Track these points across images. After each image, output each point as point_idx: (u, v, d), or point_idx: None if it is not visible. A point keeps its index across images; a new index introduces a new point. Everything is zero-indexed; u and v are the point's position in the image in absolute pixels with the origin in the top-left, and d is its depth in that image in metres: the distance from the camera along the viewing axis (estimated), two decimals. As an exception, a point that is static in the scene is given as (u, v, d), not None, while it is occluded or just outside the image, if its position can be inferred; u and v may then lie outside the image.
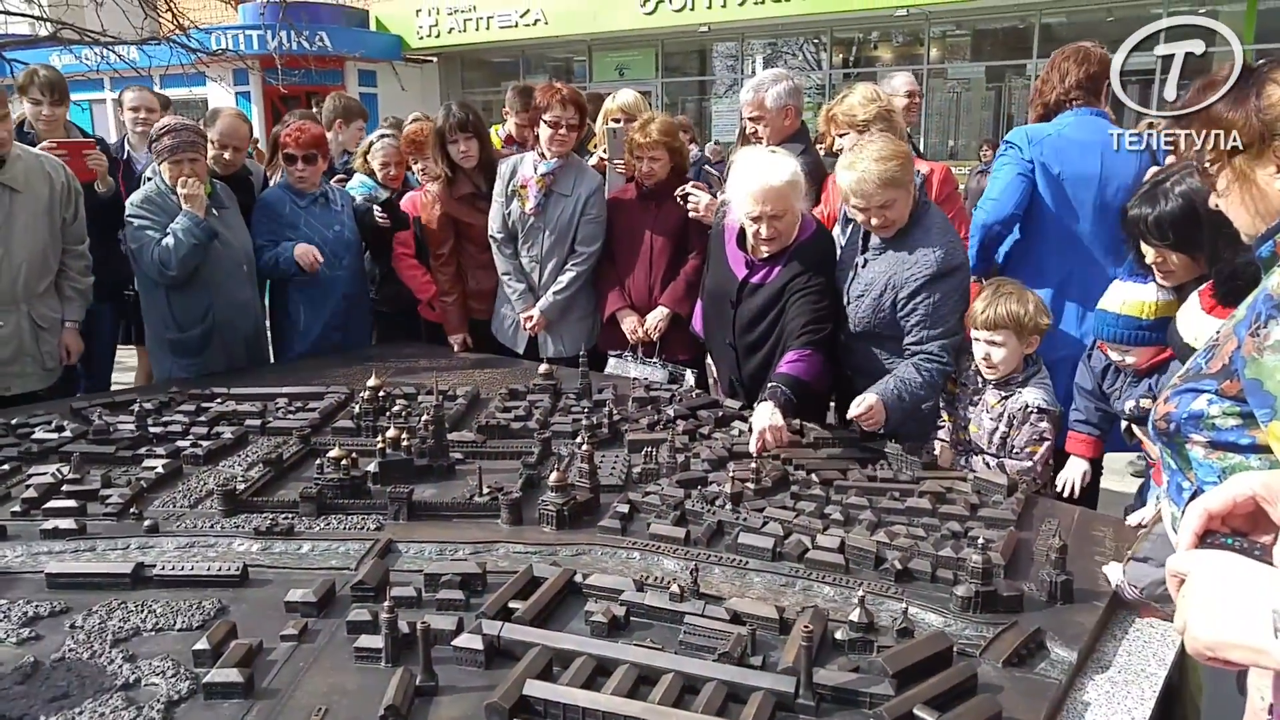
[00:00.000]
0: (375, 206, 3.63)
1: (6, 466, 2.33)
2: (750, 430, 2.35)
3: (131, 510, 2.08)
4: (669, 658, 1.44)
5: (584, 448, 2.14)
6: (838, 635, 1.53)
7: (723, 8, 13.54)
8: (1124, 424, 2.40)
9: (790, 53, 15.45)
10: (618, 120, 3.65)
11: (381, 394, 2.69)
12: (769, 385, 2.42)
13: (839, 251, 2.78)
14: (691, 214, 3.23)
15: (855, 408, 2.33)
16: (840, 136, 3.09)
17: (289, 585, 1.71)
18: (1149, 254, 2.21)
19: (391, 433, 2.30)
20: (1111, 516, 2.17)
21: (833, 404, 2.98)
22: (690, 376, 3.30)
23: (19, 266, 3.06)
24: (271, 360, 3.65)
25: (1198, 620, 0.82)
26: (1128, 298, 2.27)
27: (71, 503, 2.08)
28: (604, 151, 3.63)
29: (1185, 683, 1.66)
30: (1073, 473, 2.45)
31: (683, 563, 1.82)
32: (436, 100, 15.98)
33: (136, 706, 1.38)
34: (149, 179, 3.32)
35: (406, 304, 3.84)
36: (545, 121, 3.27)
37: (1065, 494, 2.43)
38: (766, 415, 2.29)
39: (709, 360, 3.41)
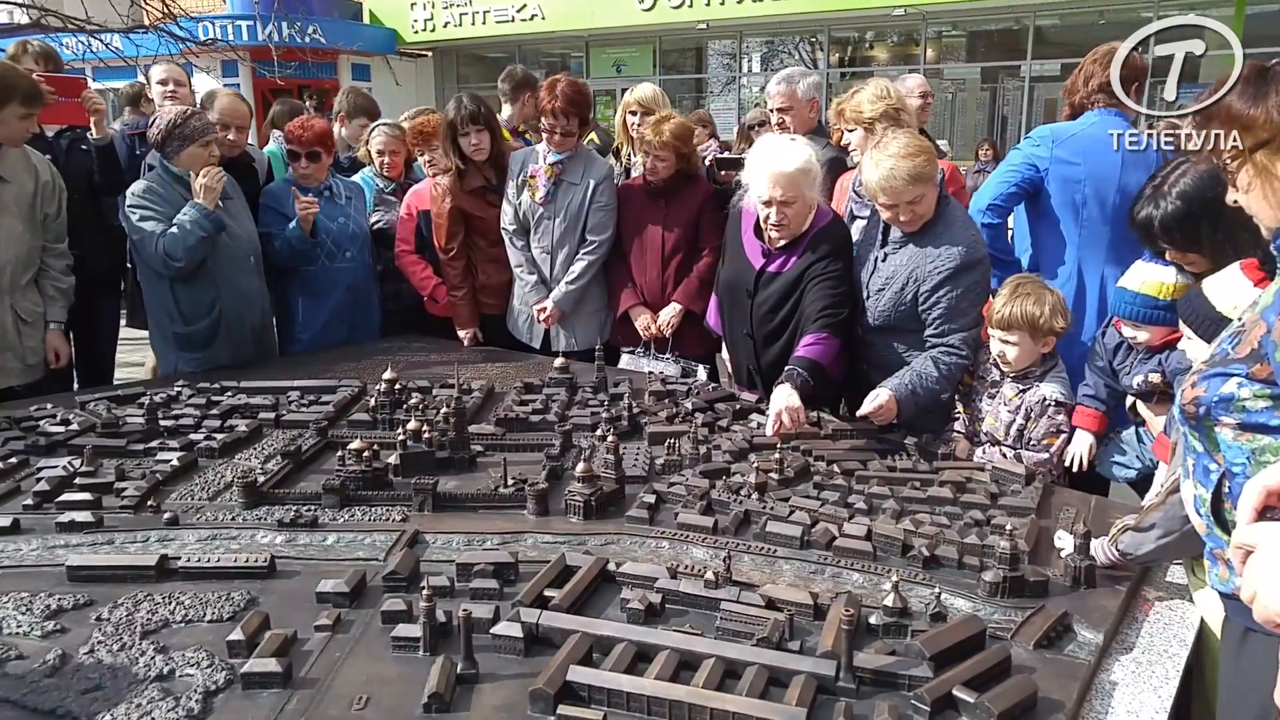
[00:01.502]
0: None
1: (14, 460, 2.30)
2: (768, 415, 2.36)
3: (149, 503, 2.06)
4: (709, 643, 1.45)
5: (609, 439, 2.14)
6: (871, 620, 1.54)
7: (721, 5, 13.54)
8: (1129, 400, 2.43)
9: (786, 51, 15.48)
10: (634, 112, 3.64)
11: (397, 387, 2.68)
12: (786, 368, 2.43)
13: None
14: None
15: (868, 404, 2.34)
16: (849, 132, 3.10)
17: (317, 576, 1.70)
18: (1168, 253, 2.25)
19: (412, 425, 2.29)
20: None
21: (843, 401, 2.98)
22: (702, 372, 3.30)
23: (3, 258, 2.99)
24: (277, 354, 3.61)
25: (1268, 589, 0.84)
26: (1147, 277, 2.30)
27: (86, 496, 2.05)
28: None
29: (1201, 664, 1.69)
30: (1079, 446, 2.46)
31: (711, 551, 1.83)
32: (431, 95, 15.89)
33: (174, 697, 1.37)
34: (151, 167, 3.26)
35: (413, 299, 3.82)
36: (543, 126, 3.29)
37: (1072, 467, 2.44)
38: (784, 397, 2.30)
39: (720, 355, 3.42)
